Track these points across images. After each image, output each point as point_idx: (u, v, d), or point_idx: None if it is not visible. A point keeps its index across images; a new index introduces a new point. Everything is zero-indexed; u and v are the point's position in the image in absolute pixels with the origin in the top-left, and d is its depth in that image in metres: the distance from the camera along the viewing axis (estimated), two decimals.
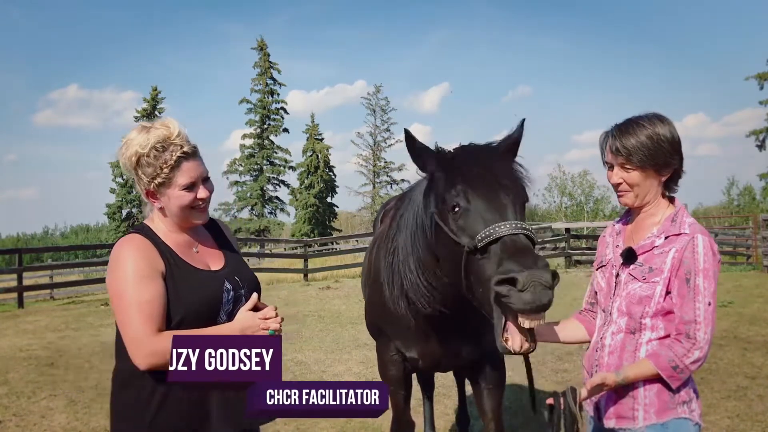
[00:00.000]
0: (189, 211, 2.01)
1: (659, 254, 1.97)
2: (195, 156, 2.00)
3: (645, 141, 1.95)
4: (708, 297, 1.89)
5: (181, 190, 1.96)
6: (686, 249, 1.92)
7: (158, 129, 1.96)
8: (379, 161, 52.16)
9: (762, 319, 8.60)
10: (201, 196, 2.00)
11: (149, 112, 46.08)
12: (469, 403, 4.75)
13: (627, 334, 2.01)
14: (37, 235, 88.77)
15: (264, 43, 48.52)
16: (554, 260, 18.34)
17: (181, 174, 1.96)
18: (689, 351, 1.89)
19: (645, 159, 1.96)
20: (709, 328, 1.90)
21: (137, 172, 1.96)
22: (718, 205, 52.04)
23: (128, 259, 1.90)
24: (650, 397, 1.95)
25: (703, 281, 1.89)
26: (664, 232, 2.00)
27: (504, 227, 1.93)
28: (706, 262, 1.90)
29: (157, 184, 1.95)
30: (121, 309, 1.87)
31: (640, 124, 1.99)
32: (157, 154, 1.93)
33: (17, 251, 14.23)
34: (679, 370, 1.89)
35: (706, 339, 1.89)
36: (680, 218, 2.00)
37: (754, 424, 4.63)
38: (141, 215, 2.43)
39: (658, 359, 1.91)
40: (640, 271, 2.00)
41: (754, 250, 16.50)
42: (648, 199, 2.04)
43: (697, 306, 1.89)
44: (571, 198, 51.26)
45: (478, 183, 2.08)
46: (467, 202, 2.07)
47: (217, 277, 2.03)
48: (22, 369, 7.10)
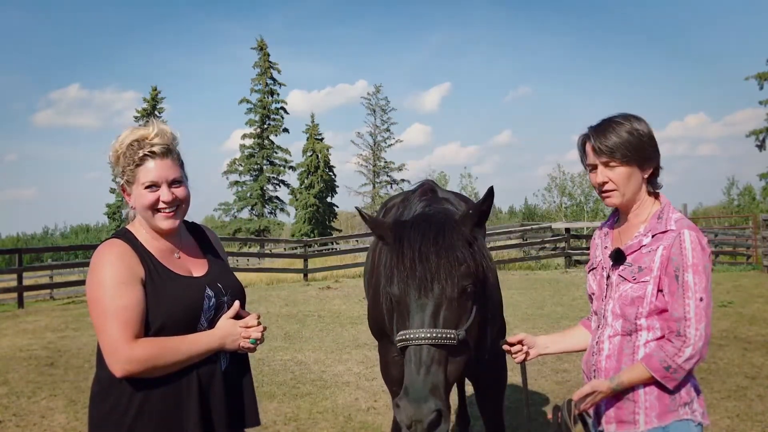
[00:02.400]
0: (152, 213, 1.97)
1: (647, 253, 1.94)
2: (165, 156, 1.96)
3: (626, 137, 1.94)
4: (699, 293, 1.85)
5: (144, 188, 1.95)
6: (673, 245, 1.89)
7: (141, 129, 1.98)
8: (379, 161, 52.13)
9: (762, 319, 8.60)
10: (163, 198, 1.95)
11: (149, 112, 46.08)
12: (469, 403, 4.75)
13: (623, 337, 1.98)
14: (37, 235, 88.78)
15: (264, 43, 48.53)
16: (554, 260, 18.35)
17: (144, 172, 1.94)
18: (680, 350, 1.84)
19: (629, 154, 1.94)
20: (701, 324, 1.85)
21: (115, 169, 2.00)
22: (718, 205, 52.05)
23: (107, 264, 1.88)
24: (651, 401, 1.92)
25: (692, 277, 1.85)
26: (650, 231, 1.97)
27: (413, 335, 1.93)
28: (695, 257, 1.86)
29: (126, 180, 1.97)
30: (98, 315, 1.85)
31: (616, 121, 1.98)
32: (132, 152, 1.95)
33: (17, 251, 14.22)
34: (672, 371, 1.85)
35: (699, 335, 1.84)
36: (666, 214, 1.97)
37: (754, 424, 4.63)
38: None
39: (650, 361, 1.88)
40: (629, 272, 1.97)
41: (754, 250, 16.51)
42: (634, 197, 2.01)
43: (687, 302, 1.85)
44: (571, 198, 51.25)
45: (409, 278, 2.01)
46: (396, 295, 2.06)
47: (198, 284, 2.00)
48: (22, 369, 7.10)
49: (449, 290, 1.98)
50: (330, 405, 5.44)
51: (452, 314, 1.97)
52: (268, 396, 5.70)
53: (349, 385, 6.05)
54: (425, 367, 1.89)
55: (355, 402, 5.52)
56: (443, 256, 2.00)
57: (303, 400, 5.59)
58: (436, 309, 1.97)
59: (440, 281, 1.98)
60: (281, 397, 5.69)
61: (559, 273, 16.31)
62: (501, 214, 76.99)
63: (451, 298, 1.98)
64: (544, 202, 52.26)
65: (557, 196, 51.33)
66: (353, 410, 5.28)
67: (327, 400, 5.58)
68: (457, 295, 1.99)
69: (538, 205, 51.37)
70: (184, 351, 1.88)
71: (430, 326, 1.94)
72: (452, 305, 1.98)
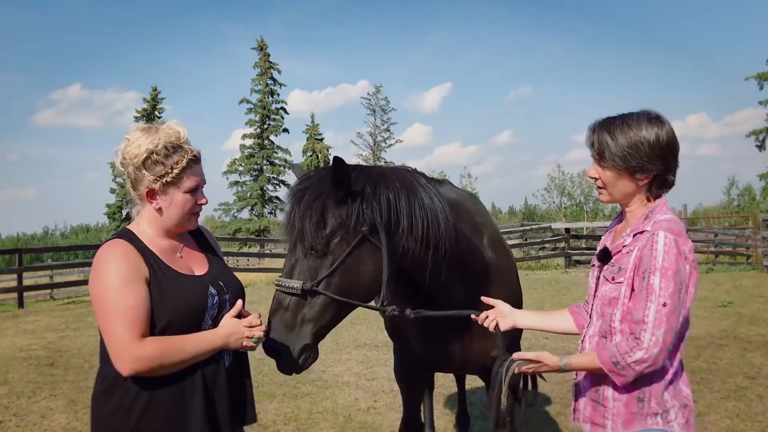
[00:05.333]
0: (188, 216, 2.03)
1: (626, 254, 1.89)
2: (200, 162, 2.05)
3: (621, 142, 1.86)
4: (663, 297, 1.76)
5: (186, 192, 1.99)
6: (645, 246, 1.82)
7: (167, 130, 1.98)
8: (379, 161, 52.17)
9: (762, 319, 8.60)
10: (202, 201, 2.05)
11: (149, 113, 46.09)
12: (470, 403, 4.75)
13: (601, 338, 1.95)
14: (37, 235, 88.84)
15: (264, 44, 48.54)
16: (554, 260, 18.35)
17: (190, 177, 1.99)
18: (632, 350, 1.78)
19: (616, 160, 1.87)
20: (659, 330, 1.75)
21: (141, 171, 1.95)
22: (718, 205, 52.04)
23: (111, 263, 1.88)
24: (618, 407, 1.89)
25: (659, 280, 1.76)
26: (633, 230, 1.91)
27: (277, 281, 2.20)
28: (666, 260, 1.77)
29: (165, 183, 1.95)
30: (104, 314, 1.85)
31: (625, 122, 1.89)
32: (167, 153, 1.95)
33: (17, 251, 14.23)
34: (620, 367, 1.80)
35: (654, 341, 1.76)
36: (654, 215, 1.89)
37: (754, 424, 4.63)
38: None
39: (601, 352, 1.85)
40: (610, 272, 1.93)
41: (754, 250, 16.49)
42: (625, 198, 1.95)
43: (648, 306, 1.77)
44: (570, 198, 51.21)
45: (282, 226, 2.30)
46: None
47: (201, 282, 2.02)
48: (22, 369, 7.10)
49: (301, 250, 2.20)
50: (330, 405, 5.44)
51: (304, 269, 2.20)
52: (268, 396, 5.70)
53: (349, 385, 6.05)
54: (276, 307, 2.18)
55: (355, 402, 5.52)
56: (301, 218, 2.21)
57: (303, 400, 5.60)
58: (294, 263, 2.21)
59: (296, 241, 2.21)
60: (281, 397, 5.69)
61: (559, 273, 16.32)
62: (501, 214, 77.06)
63: (302, 256, 2.20)
64: (544, 203, 52.26)
65: (557, 196, 51.32)
66: (353, 410, 5.28)
67: (327, 400, 5.58)
68: (308, 253, 2.19)
69: (537, 205, 51.40)
70: (189, 350, 1.89)
71: (285, 276, 2.19)
72: (305, 262, 2.20)
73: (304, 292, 2.14)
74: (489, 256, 2.74)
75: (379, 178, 2.29)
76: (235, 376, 2.05)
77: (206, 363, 1.95)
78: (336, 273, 2.17)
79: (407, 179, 2.37)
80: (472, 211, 2.86)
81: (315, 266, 2.18)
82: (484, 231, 2.82)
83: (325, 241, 2.16)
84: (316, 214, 2.16)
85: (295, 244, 2.20)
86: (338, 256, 2.17)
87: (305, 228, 2.16)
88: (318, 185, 2.22)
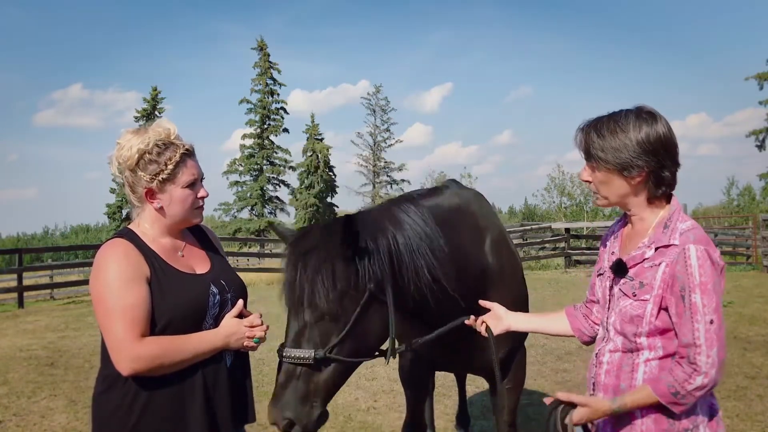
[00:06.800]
0: (191, 210, 2.02)
1: (650, 267, 1.79)
2: (194, 155, 2.03)
3: (608, 139, 1.80)
4: (709, 314, 1.68)
5: (184, 187, 1.98)
6: (677, 263, 1.72)
7: (156, 129, 1.98)
8: (379, 161, 52.15)
9: (762, 319, 8.60)
10: (202, 194, 2.04)
11: (149, 113, 46.05)
12: (470, 403, 4.75)
13: (624, 353, 1.87)
14: (37, 235, 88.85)
15: (264, 43, 48.51)
16: (554, 260, 18.34)
17: (185, 171, 1.98)
18: (690, 376, 1.69)
19: (603, 158, 1.81)
20: (713, 350, 1.67)
21: (136, 172, 1.95)
22: (718, 205, 52.01)
23: (112, 263, 1.88)
24: (647, 424, 1.80)
25: (701, 298, 1.68)
26: (654, 242, 1.80)
27: (281, 351, 2.04)
28: (703, 275, 1.69)
29: (161, 180, 1.95)
30: (104, 314, 1.86)
31: (612, 119, 1.82)
32: (159, 151, 1.94)
33: (17, 251, 14.24)
34: (680, 397, 1.71)
35: (711, 362, 1.67)
36: (673, 224, 1.79)
37: (754, 424, 4.62)
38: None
39: (657, 385, 1.74)
40: (630, 287, 1.83)
41: (754, 250, 16.49)
42: (621, 201, 1.88)
43: (696, 327, 1.68)
44: (570, 198, 51.14)
45: (285, 290, 2.09)
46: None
47: (202, 281, 2.01)
48: (22, 369, 7.10)
49: (310, 315, 2.03)
50: (330, 405, 5.43)
51: (314, 335, 2.03)
52: (268, 396, 5.66)
53: (349, 385, 6.04)
54: (286, 379, 2.04)
55: (355, 402, 5.52)
56: (311, 283, 2.04)
57: None
58: (300, 329, 2.04)
59: (303, 305, 2.04)
60: None
61: (559, 273, 16.32)
62: (501, 214, 77.02)
63: (312, 321, 2.03)
64: (544, 203, 52.16)
65: (557, 197, 51.26)
66: (353, 410, 5.28)
67: None
68: (318, 319, 2.03)
69: (537, 205, 51.36)
70: (190, 349, 1.89)
71: (291, 346, 2.03)
72: (314, 328, 2.03)
73: (317, 362, 2.01)
74: (490, 262, 2.69)
75: (377, 227, 2.20)
76: (236, 376, 2.06)
77: (207, 363, 1.95)
78: (349, 336, 2.05)
79: (399, 220, 2.27)
80: (476, 214, 2.78)
81: (325, 331, 2.03)
82: (486, 235, 2.75)
83: (336, 304, 2.03)
84: (327, 278, 2.02)
85: (299, 309, 2.04)
86: (349, 318, 2.05)
87: (316, 294, 2.01)
88: (325, 245, 2.07)
